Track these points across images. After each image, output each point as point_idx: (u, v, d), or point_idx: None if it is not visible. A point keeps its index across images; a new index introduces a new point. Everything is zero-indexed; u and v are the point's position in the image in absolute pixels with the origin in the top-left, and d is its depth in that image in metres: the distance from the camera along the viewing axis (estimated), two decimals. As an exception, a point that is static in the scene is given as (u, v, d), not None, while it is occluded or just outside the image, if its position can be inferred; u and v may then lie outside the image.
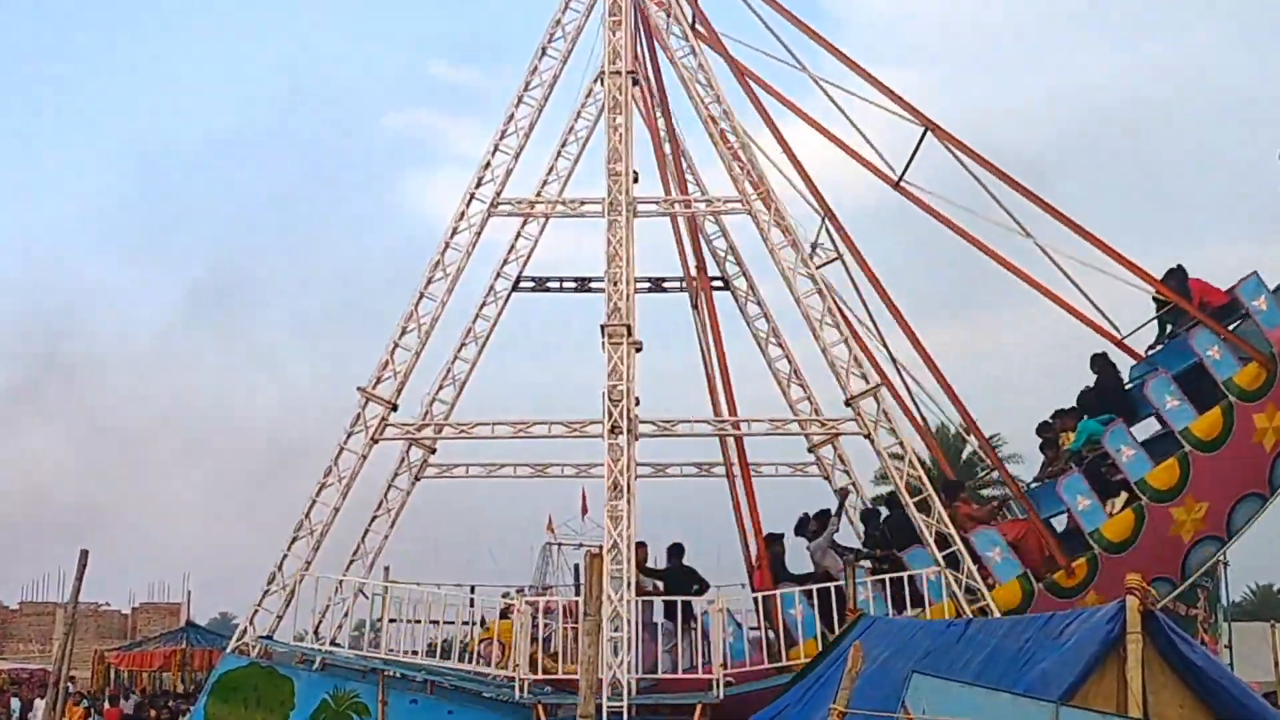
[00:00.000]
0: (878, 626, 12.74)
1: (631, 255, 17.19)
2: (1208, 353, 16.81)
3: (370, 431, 16.99)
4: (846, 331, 17.17)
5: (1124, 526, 16.39)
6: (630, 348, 16.54)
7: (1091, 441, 17.23)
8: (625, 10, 18.05)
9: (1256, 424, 16.63)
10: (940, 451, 19.44)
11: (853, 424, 17.04)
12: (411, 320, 17.39)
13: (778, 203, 17.62)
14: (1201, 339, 16.93)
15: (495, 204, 18.02)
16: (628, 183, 17.39)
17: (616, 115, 17.63)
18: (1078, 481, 16.66)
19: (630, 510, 15.90)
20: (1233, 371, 16.67)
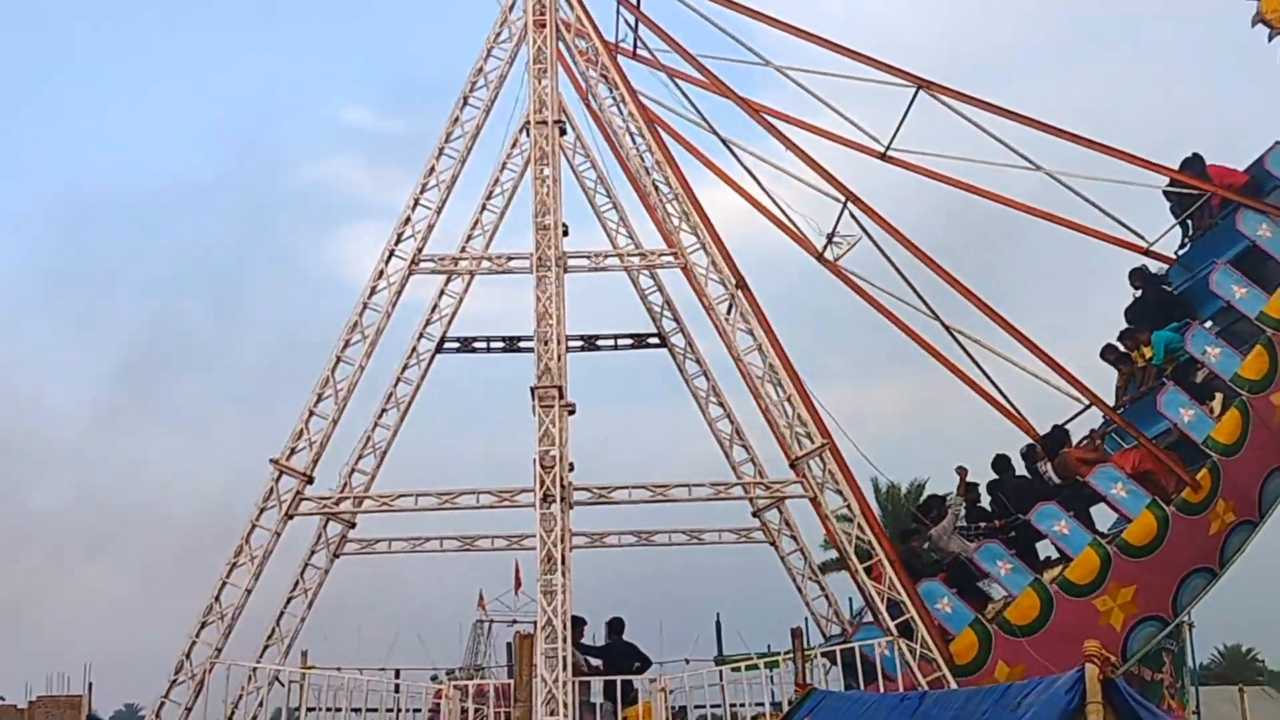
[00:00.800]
0: (828, 702, 12.68)
1: (563, 313, 17.14)
2: (1258, 232, 16.87)
3: (284, 506, 16.72)
4: (790, 389, 17.14)
5: (1233, 427, 16.20)
6: (562, 410, 16.44)
7: (1170, 350, 17.22)
8: (550, 59, 18.13)
9: None
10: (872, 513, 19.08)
11: (798, 486, 17.03)
12: (328, 386, 17.19)
13: (714, 255, 17.66)
14: (1249, 221, 16.95)
15: (417, 261, 17.93)
16: (557, 236, 17.36)
17: (544, 166, 17.64)
18: (1176, 394, 16.54)
19: (566, 584, 15.72)
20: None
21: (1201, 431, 16.29)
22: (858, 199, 18.36)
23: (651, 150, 18.24)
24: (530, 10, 18.30)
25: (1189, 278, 18.03)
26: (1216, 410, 16.53)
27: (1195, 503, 16.04)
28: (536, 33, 18.18)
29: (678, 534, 20.05)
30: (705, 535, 20.09)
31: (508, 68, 18.53)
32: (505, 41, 18.63)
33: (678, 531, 20.09)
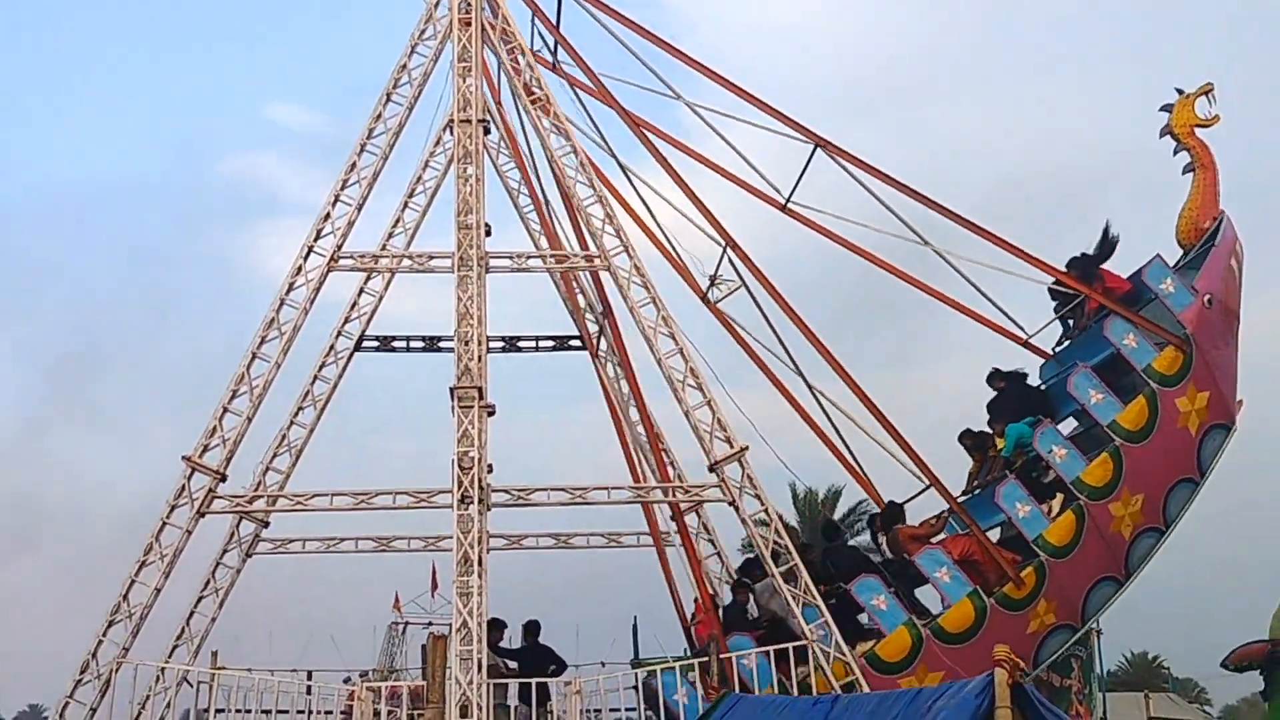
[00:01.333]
0: (742, 706, 12.73)
1: (484, 313, 17.08)
2: (1124, 341, 17.26)
3: (196, 504, 16.47)
4: (710, 393, 17.23)
5: (1066, 529, 16.59)
6: (482, 411, 16.37)
7: (1021, 445, 17.53)
8: (475, 57, 18.06)
9: (1180, 408, 17.11)
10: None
11: (716, 490, 17.11)
12: (243, 382, 16.96)
13: (637, 258, 17.70)
14: (1116, 328, 17.38)
15: (336, 258, 17.78)
16: (479, 236, 17.29)
17: (467, 165, 17.55)
18: (1015, 489, 16.86)
19: (482, 585, 15.65)
20: (1151, 358, 17.17)
21: (1034, 529, 16.73)
22: (736, 245, 18.51)
23: (575, 152, 18.26)
24: (455, 9, 18.23)
25: (1057, 375, 18.57)
26: (1054, 510, 16.97)
27: (1017, 599, 16.49)
28: (461, 31, 18.11)
29: (596, 537, 20.06)
30: (624, 538, 20.10)
31: (432, 65, 18.46)
32: (430, 39, 18.57)
33: (596, 535, 20.10)
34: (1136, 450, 16.86)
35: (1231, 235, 18.48)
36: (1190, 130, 18.38)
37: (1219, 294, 17.78)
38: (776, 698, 14.19)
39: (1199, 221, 18.20)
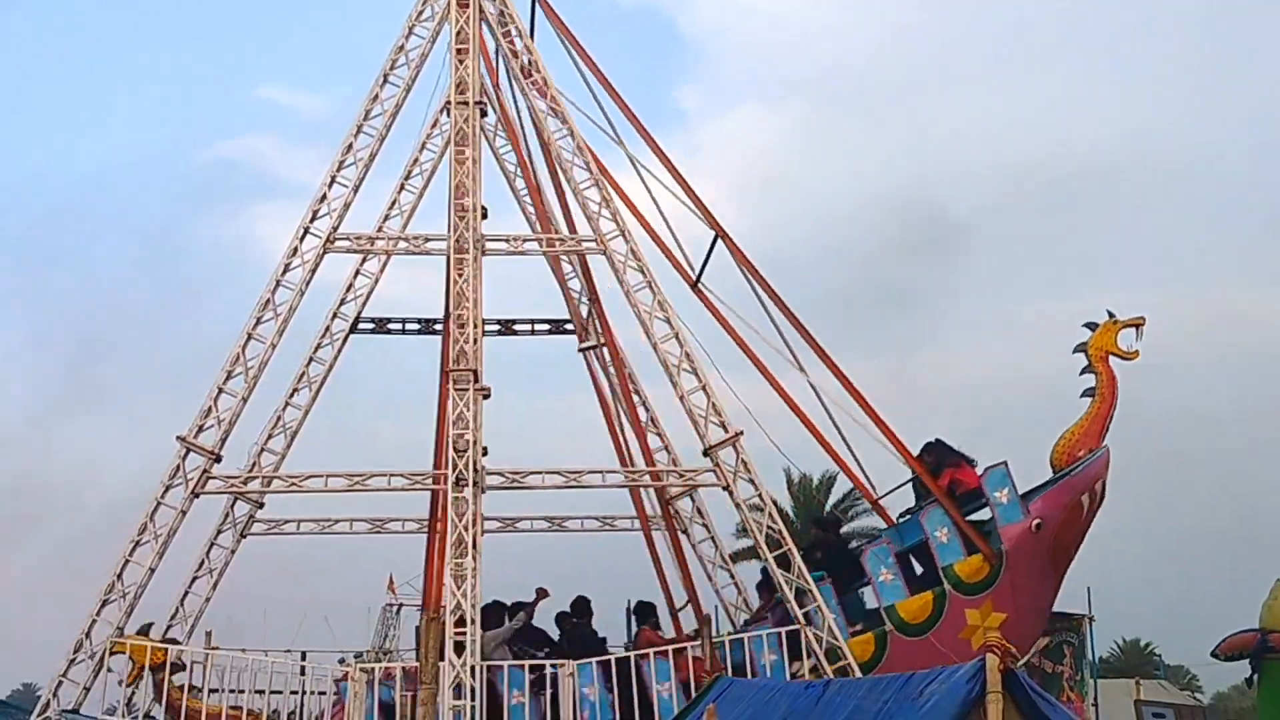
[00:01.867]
0: (734, 689, 12.77)
1: (479, 296, 17.08)
2: (936, 533, 17.11)
3: (191, 485, 16.48)
4: (706, 377, 17.24)
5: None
6: (477, 394, 16.39)
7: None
8: (473, 39, 18.03)
9: (968, 619, 16.76)
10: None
11: (711, 475, 17.14)
12: (238, 363, 16.95)
13: (633, 242, 17.71)
14: (933, 518, 17.22)
15: (332, 239, 17.74)
16: (475, 219, 17.27)
17: (463, 148, 17.53)
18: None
19: (476, 568, 15.69)
20: (956, 559, 16.91)
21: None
22: (727, 235, 18.69)
23: (573, 135, 18.24)
24: (454, -12, 18.20)
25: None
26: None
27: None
28: (459, 12, 18.07)
29: (590, 520, 20.10)
30: (618, 522, 20.15)
31: (429, 46, 18.38)
32: (427, 20, 18.47)
33: (590, 518, 20.14)
34: (905, 642, 16.61)
35: (1096, 473, 18.07)
36: (1105, 356, 18.17)
37: (1051, 524, 17.36)
38: (769, 681, 14.25)
39: (1075, 449, 17.91)
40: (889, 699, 9.34)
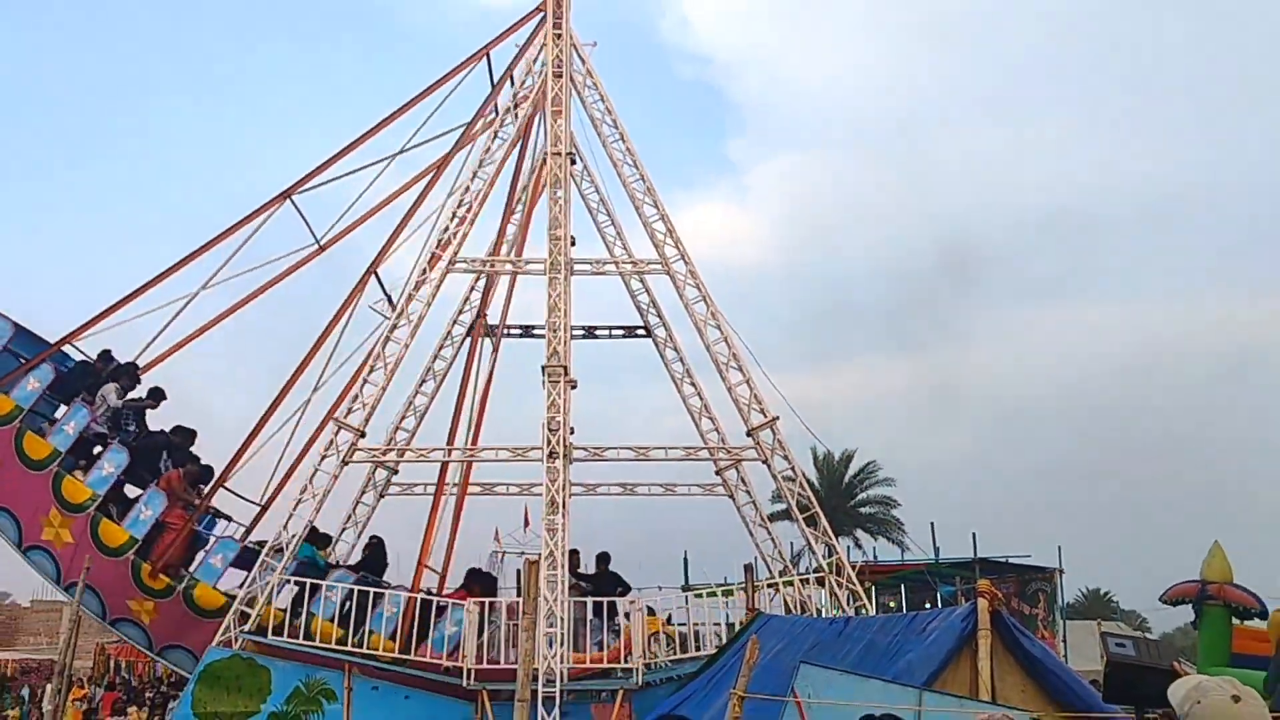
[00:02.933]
0: (772, 623, 12.75)
1: (568, 307, 17.18)
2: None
3: (341, 455, 16.73)
4: (749, 373, 17.23)
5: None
6: (566, 386, 16.50)
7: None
8: (565, 103, 18.13)
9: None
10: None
11: (753, 451, 17.14)
12: (378, 360, 17.20)
13: (691, 264, 17.73)
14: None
15: (453, 262, 17.93)
16: (566, 246, 17.40)
17: (557, 190, 17.65)
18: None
19: (565, 523, 15.79)
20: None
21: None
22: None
23: (642, 179, 18.27)
24: (550, 64, 18.30)
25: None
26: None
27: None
28: (555, 81, 18.17)
29: (655, 487, 20.11)
30: (678, 489, 20.14)
31: (531, 110, 18.53)
32: (529, 88, 18.63)
33: (655, 485, 20.15)
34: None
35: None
36: None
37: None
38: (799, 618, 14.20)
39: None
40: (898, 633, 9.33)
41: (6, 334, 17.50)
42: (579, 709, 15.09)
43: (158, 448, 17.45)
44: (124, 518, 16.75)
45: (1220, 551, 13.64)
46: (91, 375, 17.89)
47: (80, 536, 16.37)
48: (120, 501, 17.10)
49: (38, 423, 17.22)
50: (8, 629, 45.05)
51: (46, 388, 17.38)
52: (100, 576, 16.17)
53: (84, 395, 17.44)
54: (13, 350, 17.57)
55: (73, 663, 18.24)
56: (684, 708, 11.58)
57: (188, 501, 17.13)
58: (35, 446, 16.78)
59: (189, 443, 18.07)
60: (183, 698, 15.64)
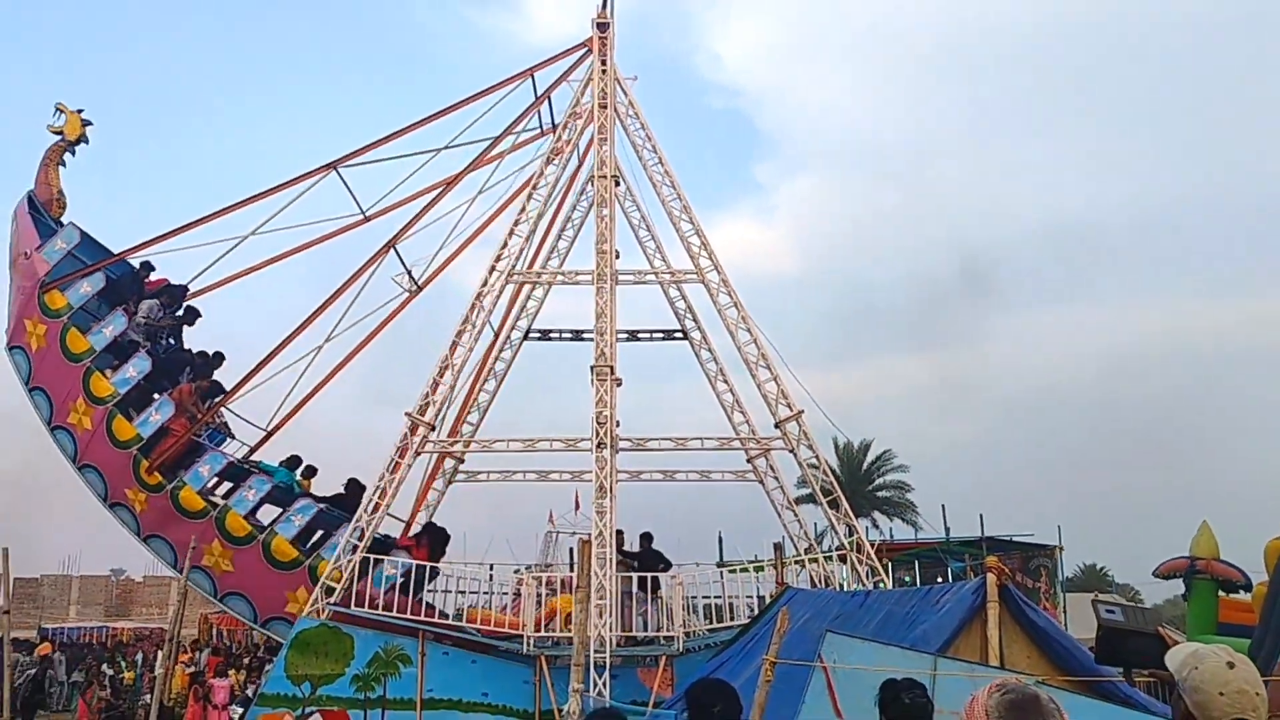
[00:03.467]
0: (799, 596, 12.68)
1: (614, 313, 17.21)
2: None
3: (414, 447, 16.88)
4: (776, 371, 17.17)
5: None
6: (613, 383, 16.53)
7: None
8: (610, 131, 18.17)
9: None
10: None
11: (780, 442, 17.07)
12: (446, 362, 17.33)
13: (724, 274, 17.70)
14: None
15: (511, 275, 18.02)
16: (611, 259, 17.44)
17: (603, 209, 17.69)
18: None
19: (612, 507, 15.82)
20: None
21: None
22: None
23: (679, 199, 18.27)
24: (596, 96, 18.34)
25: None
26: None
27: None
28: (601, 112, 18.21)
29: (693, 474, 20.10)
30: (713, 475, 20.11)
31: (579, 137, 18.58)
32: (577, 119, 18.68)
33: (693, 472, 20.13)
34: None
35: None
36: None
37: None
38: (824, 591, 14.13)
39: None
40: (914, 604, 9.25)
41: (74, 240, 17.89)
42: (626, 672, 15.12)
43: (181, 364, 17.74)
44: (136, 417, 17.07)
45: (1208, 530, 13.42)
46: (138, 287, 18.19)
47: (97, 426, 16.80)
48: (140, 403, 17.44)
49: (86, 321, 17.56)
50: (123, 601, 45.82)
51: (97, 292, 17.75)
52: (108, 462, 16.72)
53: (127, 305, 17.74)
54: (77, 255, 17.91)
55: (180, 631, 18.53)
56: (721, 671, 11.54)
57: (193, 413, 17.40)
58: (76, 341, 17.21)
59: (213, 366, 18.34)
60: (277, 661, 15.86)
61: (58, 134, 18.37)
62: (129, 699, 22.72)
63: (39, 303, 17.22)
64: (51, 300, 17.29)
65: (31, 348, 17.13)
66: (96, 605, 44.15)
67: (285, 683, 15.26)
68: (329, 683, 15.23)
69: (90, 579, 45.81)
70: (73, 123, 18.38)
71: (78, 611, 43.42)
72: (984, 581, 8.30)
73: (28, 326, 16.55)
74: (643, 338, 21.23)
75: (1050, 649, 8.29)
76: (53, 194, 18.20)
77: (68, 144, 18.40)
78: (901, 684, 4.75)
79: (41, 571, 45.03)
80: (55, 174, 18.42)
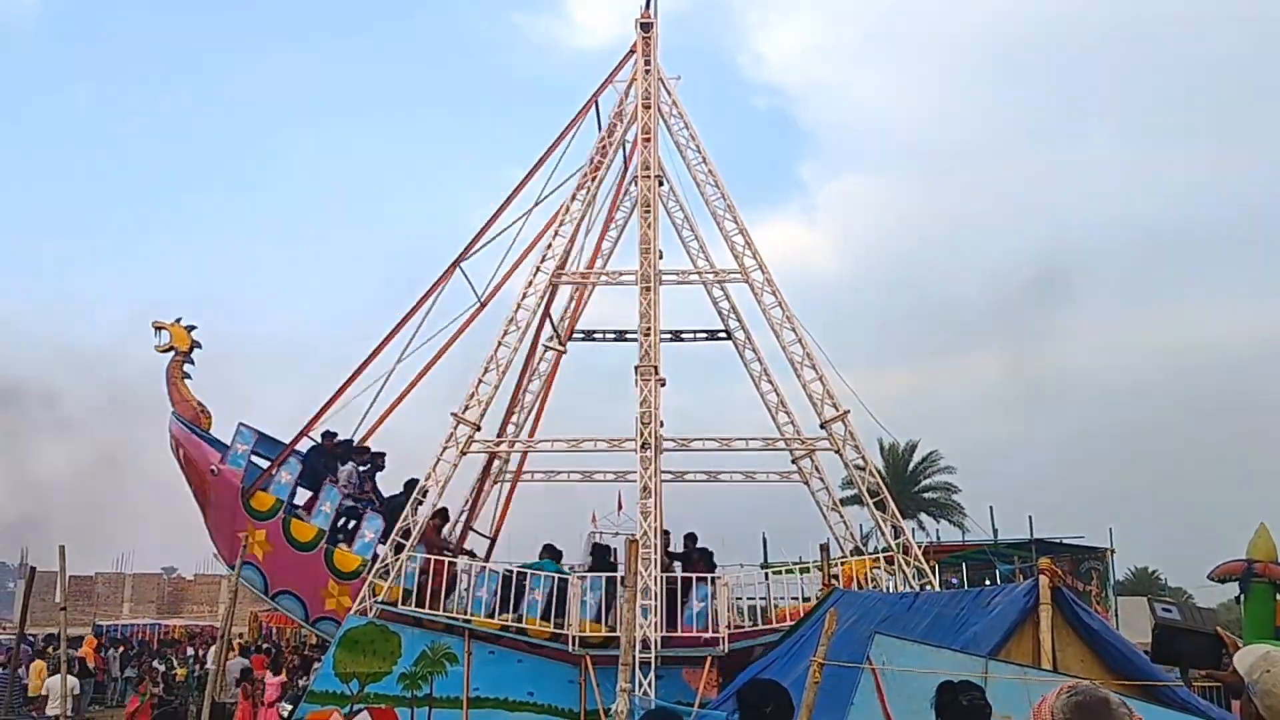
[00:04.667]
0: (847, 597, 12.61)
1: (658, 314, 17.20)
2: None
3: (460, 446, 16.99)
4: (822, 370, 17.06)
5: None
6: (656, 383, 16.52)
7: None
8: (654, 131, 18.17)
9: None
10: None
11: (825, 442, 16.96)
12: (492, 363, 17.42)
13: (768, 273, 17.62)
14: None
15: (556, 276, 18.08)
16: (655, 259, 17.43)
17: (647, 209, 17.70)
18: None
19: (656, 507, 15.82)
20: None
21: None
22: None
23: (723, 198, 18.21)
24: (640, 96, 18.36)
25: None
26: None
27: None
28: (644, 112, 18.22)
29: (737, 474, 20.02)
30: (757, 476, 20.01)
31: (623, 136, 18.59)
32: (621, 120, 18.68)
33: (737, 472, 20.05)
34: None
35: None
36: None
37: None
38: (872, 593, 14.03)
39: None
40: (964, 606, 9.16)
41: (251, 440, 17.95)
42: (672, 673, 15.11)
43: (399, 507, 17.39)
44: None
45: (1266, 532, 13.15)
46: (324, 455, 18.23)
47: (355, 595, 16.54)
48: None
49: (293, 510, 17.71)
50: (175, 599, 46.67)
51: (296, 479, 17.82)
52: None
53: (329, 476, 17.81)
54: (259, 453, 17.99)
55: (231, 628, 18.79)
56: (768, 673, 11.50)
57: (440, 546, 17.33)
58: (302, 531, 17.24)
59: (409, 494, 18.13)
60: (325, 659, 16.06)
61: (168, 350, 18.41)
62: (181, 695, 23.15)
63: (248, 511, 17.30)
64: (259, 503, 17.30)
65: (259, 557, 17.10)
66: (149, 603, 45.01)
67: (334, 680, 15.45)
68: (376, 680, 15.40)
69: (143, 577, 46.74)
70: (178, 335, 18.40)
71: (130, 609, 44.30)
72: (1036, 583, 8.19)
73: (246, 540, 16.55)
74: (686, 338, 21.19)
75: (1105, 652, 8.16)
76: (194, 409, 18.25)
77: (182, 356, 18.43)
78: (959, 685, 4.72)
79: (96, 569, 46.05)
80: (185, 389, 18.41)
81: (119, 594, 45.56)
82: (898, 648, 8.06)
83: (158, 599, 45.83)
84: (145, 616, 40.95)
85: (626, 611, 10.48)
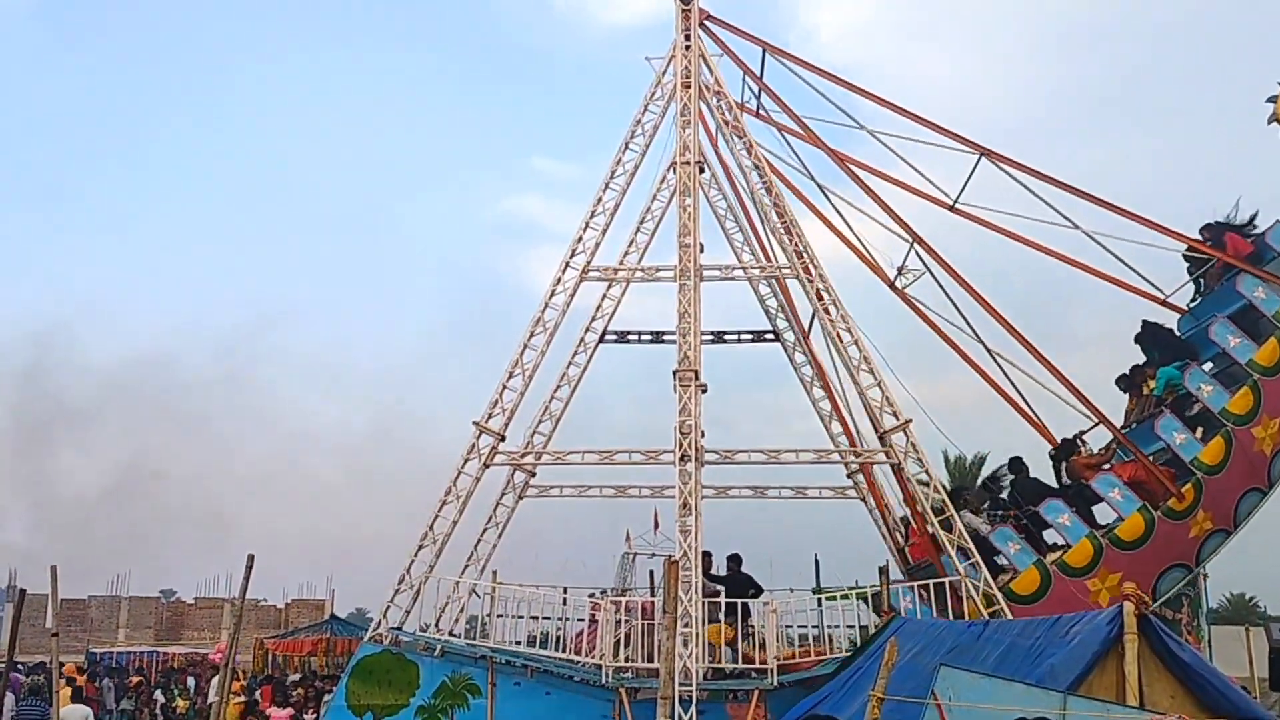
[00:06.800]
0: (909, 625, 12.57)
1: (698, 313, 17.23)
2: (1255, 294, 16.48)
3: (483, 458, 17.10)
4: (880, 375, 16.96)
5: (1218, 451, 15.93)
6: (697, 390, 16.55)
7: (1171, 385, 16.88)
8: (693, 113, 18.21)
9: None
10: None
11: (884, 455, 16.87)
12: (517, 367, 17.51)
13: (820, 268, 17.57)
14: (1247, 283, 16.59)
15: (586, 271, 18.15)
16: (695, 253, 17.46)
17: (686, 198, 17.73)
18: (1171, 420, 16.29)
19: (697, 525, 15.83)
20: (1196, 451, 16.17)
21: (1190, 453, 16.01)
22: (922, 240, 17.82)
23: (770, 189, 18.21)
24: (679, 74, 18.41)
25: (1195, 326, 17.42)
26: (1202, 436, 16.26)
27: (1179, 510, 15.87)
28: (683, 92, 18.27)
29: (786, 489, 19.98)
30: (808, 491, 19.97)
31: (660, 120, 18.64)
32: (658, 100, 18.73)
33: (786, 488, 20.00)
34: (1272, 382, 16.00)
35: None
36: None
37: None
38: (936, 621, 13.95)
39: None
40: (1040, 636, 9.10)
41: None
42: (714, 707, 15.11)
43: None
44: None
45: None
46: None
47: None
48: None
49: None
50: (174, 624, 47.36)
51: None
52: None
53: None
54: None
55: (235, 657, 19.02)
56: (822, 707, 11.50)
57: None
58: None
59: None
60: (337, 690, 16.22)
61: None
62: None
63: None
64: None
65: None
66: (146, 628, 45.69)
67: (346, 713, 15.60)
68: (392, 713, 15.53)
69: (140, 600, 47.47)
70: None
71: (126, 635, 44.99)
72: (1120, 610, 8.12)
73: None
74: (730, 339, 21.21)
75: (1198, 688, 8.07)
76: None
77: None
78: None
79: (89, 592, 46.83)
80: None
81: (114, 619, 46.29)
82: (966, 681, 8.03)
83: (155, 624, 46.52)
84: (142, 643, 41.59)
85: (665, 640, 10.49)
